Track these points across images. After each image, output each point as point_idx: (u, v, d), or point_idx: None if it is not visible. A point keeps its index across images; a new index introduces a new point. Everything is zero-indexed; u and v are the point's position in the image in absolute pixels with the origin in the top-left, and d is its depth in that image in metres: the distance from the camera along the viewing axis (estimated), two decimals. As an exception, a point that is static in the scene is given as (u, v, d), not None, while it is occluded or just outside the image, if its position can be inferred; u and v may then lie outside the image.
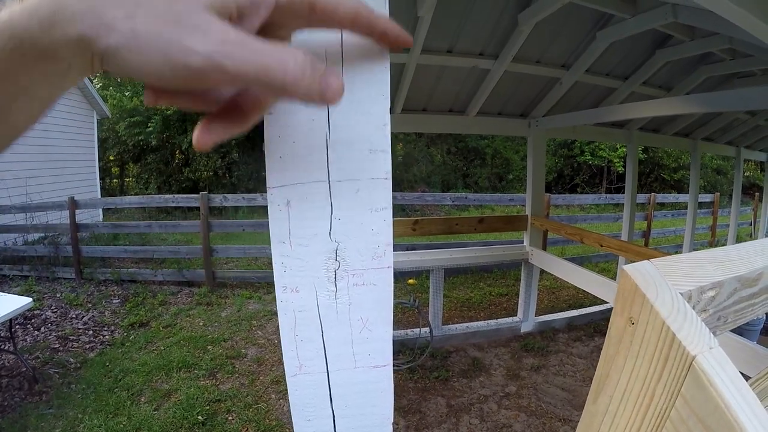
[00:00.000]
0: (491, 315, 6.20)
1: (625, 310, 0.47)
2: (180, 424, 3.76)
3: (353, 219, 0.49)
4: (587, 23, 3.59)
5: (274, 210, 0.48)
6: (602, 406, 0.51)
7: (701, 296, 0.50)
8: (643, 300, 0.44)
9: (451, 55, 3.72)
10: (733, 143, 7.37)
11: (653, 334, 0.43)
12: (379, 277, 0.51)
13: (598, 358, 0.49)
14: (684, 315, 0.43)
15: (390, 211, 0.50)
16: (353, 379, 0.53)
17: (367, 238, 0.50)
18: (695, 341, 0.42)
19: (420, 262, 4.94)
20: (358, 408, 0.54)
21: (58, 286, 7.16)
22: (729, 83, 4.63)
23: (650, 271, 0.47)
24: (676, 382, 0.42)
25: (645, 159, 18.36)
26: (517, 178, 18.57)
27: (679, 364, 0.41)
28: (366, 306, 0.51)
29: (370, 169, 0.49)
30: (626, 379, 0.47)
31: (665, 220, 11.67)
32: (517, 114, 4.98)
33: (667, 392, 0.43)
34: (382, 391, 0.54)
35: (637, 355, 0.45)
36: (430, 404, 4.09)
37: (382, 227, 0.50)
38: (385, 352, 0.53)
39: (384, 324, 0.52)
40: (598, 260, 9.12)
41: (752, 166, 19.45)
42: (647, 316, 0.44)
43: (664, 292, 0.45)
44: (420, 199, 10.18)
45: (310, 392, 0.52)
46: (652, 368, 0.44)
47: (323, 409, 0.53)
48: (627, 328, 0.46)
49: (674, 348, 0.42)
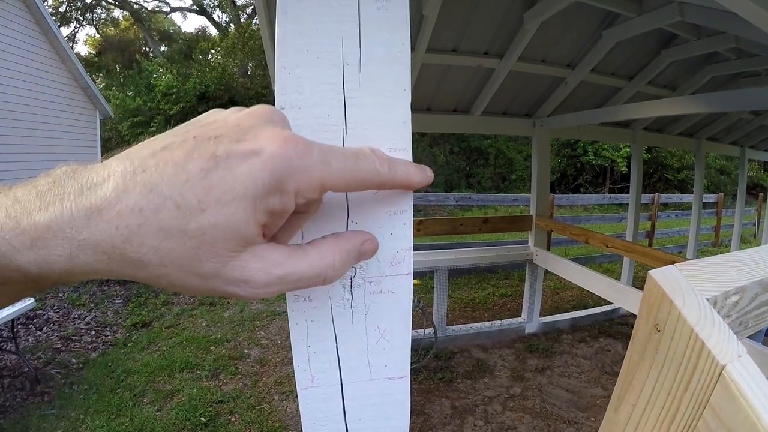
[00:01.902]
0: (495, 316, 6.18)
1: (651, 317, 0.45)
2: (183, 425, 3.75)
3: (371, 223, 0.46)
4: (593, 22, 3.58)
5: None
6: (624, 415, 0.49)
7: (725, 302, 0.48)
8: (670, 307, 0.43)
9: (455, 55, 3.71)
10: (737, 143, 7.36)
11: (681, 342, 0.42)
12: (398, 284, 0.48)
13: (603, 360, 0.48)
14: (712, 322, 0.42)
15: (410, 214, 0.47)
16: (368, 392, 0.50)
17: (386, 244, 0.47)
18: (725, 350, 0.40)
19: (424, 262, 4.92)
20: (373, 421, 0.51)
21: (61, 286, 7.15)
22: (734, 83, 4.62)
23: (677, 277, 0.45)
24: (704, 392, 0.40)
25: (648, 159, 18.34)
26: (520, 178, 18.57)
27: (708, 373, 0.40)
28: (383, 315, 0.49)
29: None
30: (651, 388, 0.45)
31: (669, 221, 11.67)
32: (522, 114, 4.97)
33: (694, 402, 0.41)
34: (399, 404, 0.51)
35: (663, 363, 0.44)
36: (434, 406, 4.07)
37: (402, 231, 0.47)
38: (402, 363, 0.50)
39: (402, 334, 0.50)
40: (603, 261, 9.11)
41: (756, 167, 19.45)
42: (674, 323, 0.43)
43: (692, 298, 0.43)
44: (423, 199, 10.13)
45: (323, 406, 0.50)
46: (678, 377, 0.42)
47: (336, 423, 0.50)
48: (653, 335, 0.45)
49: (703, 357, 0.40)
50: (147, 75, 17.36)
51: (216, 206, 0.31)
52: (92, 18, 25.45)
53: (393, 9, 0.44)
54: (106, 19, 26.30)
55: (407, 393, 0.51)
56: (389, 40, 0.44)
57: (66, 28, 23.86)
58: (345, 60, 0.44)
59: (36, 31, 9.75)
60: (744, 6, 1.67)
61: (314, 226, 0.45)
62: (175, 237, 0.30)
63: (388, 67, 0.45)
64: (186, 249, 0.31)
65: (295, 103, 0.43)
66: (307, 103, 0.44)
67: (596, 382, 4.47)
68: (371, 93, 0.45)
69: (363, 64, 0.44)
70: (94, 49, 25.99)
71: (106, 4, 25.54)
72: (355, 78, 0.44)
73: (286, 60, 0.43)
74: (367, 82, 0.44)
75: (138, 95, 15.93)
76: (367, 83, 0.44)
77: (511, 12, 3.35)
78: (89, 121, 11.75)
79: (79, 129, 11.24)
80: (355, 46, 0.44)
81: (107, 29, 26.31)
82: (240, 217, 0.31)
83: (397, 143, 0.46)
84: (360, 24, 0.43)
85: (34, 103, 9.51)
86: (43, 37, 9.98)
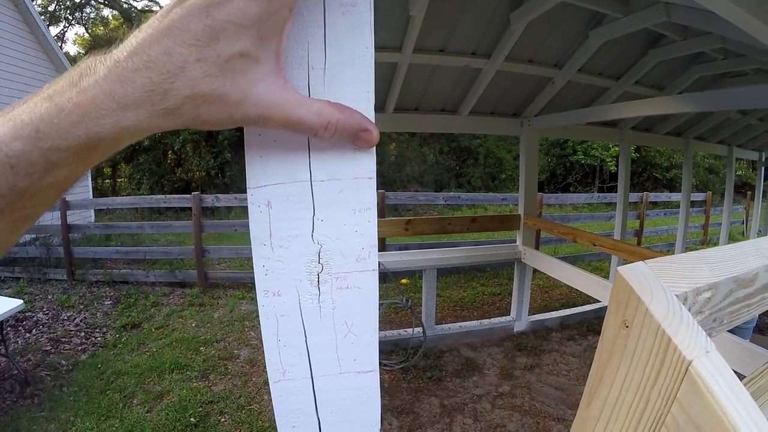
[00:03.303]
0: (484, 314, 6.20)
1: (619, 313, 0.45)
2: (173, 426, 3.73)
3: (336, 220, 0.48)
4: (580, 22, 3.59)
5: (254, 211, 0.47)
6: (595, 411, 0.49)
7: (697, 298, 0.49)
8: (638, 303, 0.43)
9: (443, 55, 3.71)
10: (725, 142, 7.41)
11: (648, 338, 0.42)
12: (364, 280, 0.50)
13: (592, 358, 0.48)
14: (680, 318, 0.42)
15: (374, 211, 0.49)
16: (339, 385, 0.52)
17: (351, 240, 0.49)
18: (691, 345, 0.40)
19: (412, 261, 4.93)
20: (345, 414, 0.53)
21: (50, 287, 7.11)
22: (721, 83, 4.65)
23: (645, 273, 0.46)
24: (671, 388, 0.40)
25: (637, 158, 18.43)
26: (510, 177, 18.59)
27: (675, 369, 0.40)
28: (350, 310, 0.50)
29: (354, 168, 0.47)
30: (620, 384, 0.46)
31: (657, 219, 11.73)
32: (510, 113, 4.98)
33: (662, 398, 0.41)
34: (369, 397, 0.53)
35: (632, 359, 0.44)
36: (423, 404, 4.07)
37: (367, 228, 0.49)
38: (370, 357, 0.52)
39: (369, 328, 0.51)
40: (591, 259, 9.16)
41: (744, 166, 19.57)
42: (642, 319, 0.43)
43: (660, 294, 0.44)
44: (412, 198, 10.11)
45: (295, 399, 0.51)
46: (647, 373, 0.43)
47: (308, 415, 0.52)
48: (621, 331, 0.45)
49: (670, 353, 0.40)
50: (136, 75, 17.20)
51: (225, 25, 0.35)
52: (81, 17, 25.21)
53: (357, 13, 0.44)
54: (96, 18, 26.03)
55: (377, 387, 0.52)
56: (353, 44, 0.45)
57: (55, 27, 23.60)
58: (311, 64, 0.45)
59: (24, 30, 9.65)
60: (723, 6, 1.68)
61: (282, 224, 0.47)
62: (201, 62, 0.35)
63: (352, 70, 0.45)
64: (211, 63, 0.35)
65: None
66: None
67: (585, 379, 4.44)
68: (336, 96, 0.45)
69: (328, 68, 0.45)
70: (84, 49, 25.77)
71: (95, 4, 25.28)
72: (320, 81, 0.45)
73: None
74: (331, 86, 0.45)
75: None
76: (332, 86, 0.45)
77: (498, 12, 3.35)
78: (77, 121, 11.59)
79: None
80: (320, 50, 0.45)
81: (96, 29, 26.05)
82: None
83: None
84: (326, 29, 0.44)
85: (22, 103, 9.38)
86: (32, 37, 9.88)
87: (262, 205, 0.47)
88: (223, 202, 7.96)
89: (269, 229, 0.47)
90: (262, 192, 0.46)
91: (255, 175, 0.46)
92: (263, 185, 0.46)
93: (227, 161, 15.40)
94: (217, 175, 15.56)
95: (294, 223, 0.47)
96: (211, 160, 15.12)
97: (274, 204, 0.47)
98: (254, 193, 0.46)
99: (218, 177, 15.57)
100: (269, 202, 0.47)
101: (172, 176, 15.46)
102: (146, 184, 15.37)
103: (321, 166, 0.47)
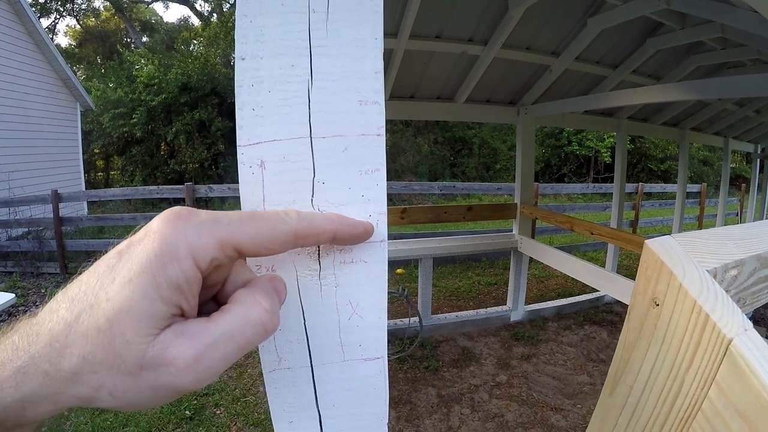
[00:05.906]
0: (480, 304, 6.19)
1: (649, 290, 0.42)
2: (167, 419, 3.71)
3: (340, 182, 0.42)
4: (578, 9, 3.55)
5: (245, 172, 0.41)
6: (620, 398, 0.46)
7: (725, 275, 0.45)
8: (669, 278, 0.40)
9: (439, 41, 3.67)
10: (721, 134, 7.41)
11: (683, 316, 0.39)
12: (371, 252, 0.43)
13: (589, 347, 0.45)
14: (715, 295, 0.39)
15: (384, 173, 0.43)
16: (342, 375, 0.45)
17: (357, 206, 0.42)
18: (730, 323, 0.37)
19: (408, 251, 4.90)
20: (348, 407, 0.46)
21: (43, 281, 7.05)
22: (719, 73, 4.63)
23: (674, 247, 0.42)
24: (710, 369, 0.37)
25: (632, 149, 18.44)
26: (505, 168, 18.60)
27: (714, 348, 0.36)
28: (356, 288, 0.44)
29: (360, 123, 0.42)
30: (649, 368, 0.42)
31: (652, 210, 11.76)
32: (506, 101, 4.94)
33: (699, 380, 0.38)
34: (375, 388, 0.46)
35: (663, 339, 0.41)
36: (420, 395, 4.06)
37: (375, 193, 0.43)
38: (378, 343, 0.45)
39: (377, 309, 0.44)
40: (587, 249, 9.19)
41: (738, 158, 19.65)
42: (675, 296, 0.39)
43: (692, 270, 0.40)
44: (407, 188, 10.05)
45: (292, 390, 0.45)
46: (680, 354, 0.39)
47: (307, 409, 0.45)
48: (651, 310, 0.42)
49: (708, 331, 0.37)
50: (128, 66, 17.02)
51: (118, 292, 0.30)
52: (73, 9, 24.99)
53: None
54: (87, 9, 25.79)
55: (385, 376, 0.46)
56: None
57: (46, 19, 23.45)
58: (311, 7, 0.40)
59: (15, 21, 9.54)
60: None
61: (277, 187, 0.41)
62: (94, 338, 0.30)
63: (359, 14, 0.41)
64: (105, 346, 0.30)
65: (256, 53, 0.40)
66: (270, 52, 0.40)
67: (582, 369, 4.48)
68: (340, 42, 0.41)
69: (331, 12, 0.40)
70: (75, 41, 25.57)
71: (86, -6, 25.15)
72: (322, 26, 0.40)
73: (247, 7, 0.39)
74: (335, 30, 0.40)
75: (119, 87, 15.60)
76: (336, 31, 0.41)
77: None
78: (70, 113, 11.57)
79: (60, 122, 11.05)
80: None
81: (88, 20, 25.82)
82: (140, 294, 0.30)
83: (368, 95, 0.42)
84: None
85: (13, 95, 9.35)
86: (22, 28, 9.78)
87: (254, 165, 0.41)
88: (216, 192, 7.90)
89: (262, 194, 0.41)
90: (254, 150, 0.41)
91: (246, 131, 0.40)
92: (255, 142, 0.41)
93: (221, 152, 15.35)
94: (210, 167, 15.51)
95: (291, 186, 0.41)
96: (205, 152, 15.06)
97: (268, 164, 0.41)
98: (245, 151, 0.41)
99: (212, 168, 15.52)
100: (262, 162, 0.41)
101: (165, 168, 15.38)
102: (139, 176, 15.31)
103: (322, 121, 0.41)
